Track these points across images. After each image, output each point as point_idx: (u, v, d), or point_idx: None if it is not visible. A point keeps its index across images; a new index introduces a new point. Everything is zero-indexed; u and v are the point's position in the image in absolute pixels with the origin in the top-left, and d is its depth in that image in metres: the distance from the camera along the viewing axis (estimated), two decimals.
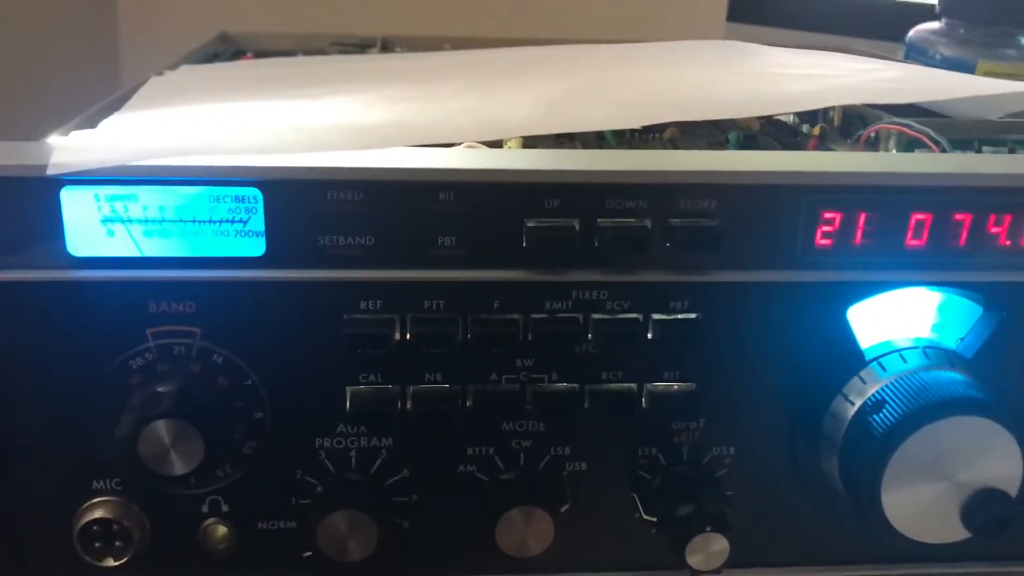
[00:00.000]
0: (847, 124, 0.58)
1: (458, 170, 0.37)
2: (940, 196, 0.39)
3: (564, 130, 0.40)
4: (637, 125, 0.42)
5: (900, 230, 0.39)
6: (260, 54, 0.74)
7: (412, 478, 0.41)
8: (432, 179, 0.37)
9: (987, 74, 0.81)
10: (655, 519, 0.40)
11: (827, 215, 0.39)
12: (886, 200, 0.39)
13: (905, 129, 0.51)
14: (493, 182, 0.37)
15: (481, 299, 0.38)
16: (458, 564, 0.42)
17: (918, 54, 0.84)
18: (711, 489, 0.41)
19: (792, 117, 0.63)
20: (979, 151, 0.51)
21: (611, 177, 0.37)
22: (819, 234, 0.39)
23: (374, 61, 0.62)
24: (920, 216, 0.39)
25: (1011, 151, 0.51)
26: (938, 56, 0.82)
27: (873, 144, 0.54)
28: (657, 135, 0.56)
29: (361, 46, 0.78)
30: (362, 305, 0.38)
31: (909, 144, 0.51)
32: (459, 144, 0.41)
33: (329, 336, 0.38)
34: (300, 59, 0.65)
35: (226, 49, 0.77)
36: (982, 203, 0.39)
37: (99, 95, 0.50)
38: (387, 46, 0.80)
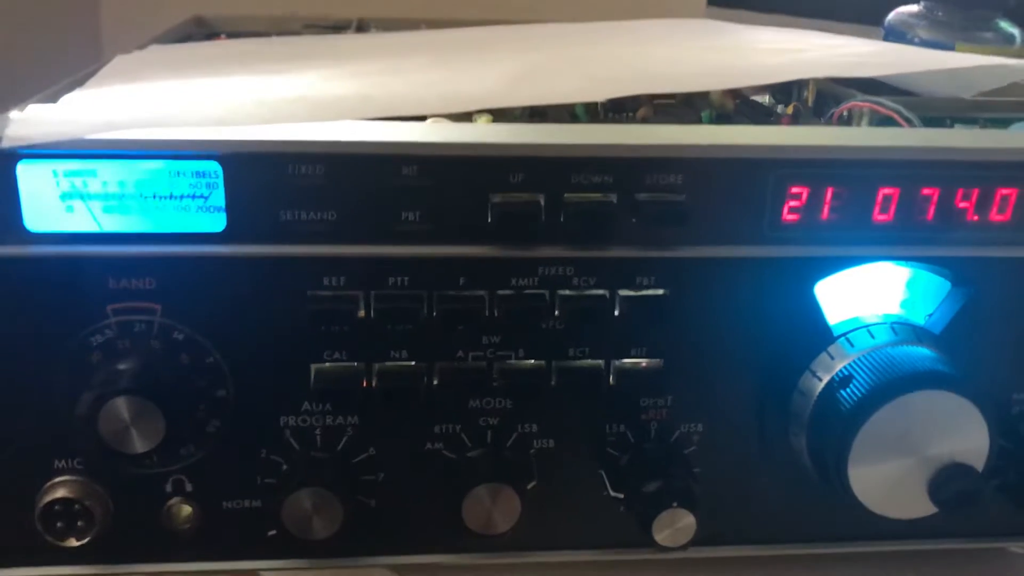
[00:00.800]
0: (820, 103, 0.58)
1: (422, 143, 0.36)
2: (907, 170, 0.39)
3: (529, 103, 0.40)
4: (603, 98, 0.42)
5: (867, 205, 0.39)
6: (233, 36, 0.73)
7: (379, 456, 0.40)
8: (395, 152, 0.36)
9: (963, 51, 0.81)
10: (622, 496, 0.40)
11: (794, 190, 0.38)
12: (853, 175, 0.38)
13: (876, 107, 0.50)
14: (457, 156, 0.37)
15: (446, 275, 0.38)
16: (425, 542, 0.42)
17: (897, 37, 0.84)
18: (679, 466, 0.40)
19: (767, 98, 0.63)
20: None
21: (576, 151, 0.37)
22: (786, 209, 0.39)
23: (344, 40, 0.61)
24: (887, 191, 0.39)
25: (983, 128, 0.51)
26: (917, 39, 0.82)
27: (846, 122, 0.54)
28: (630, 114, 0.56)
29: (336, 28, 0.78)
30: (325, 281, 0.38)
31: (881, 122, 0.51)
32: (426, 119, 0.41)
33: (292, 313, 0.38)
34: (269, 39, 0.65)
35: (199, 31, 0.77)
36: (949, 177, 0.39)
37: None
38: (362, 27, 0.79)
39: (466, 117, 0.44)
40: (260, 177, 0.36)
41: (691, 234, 0.38)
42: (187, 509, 0.40)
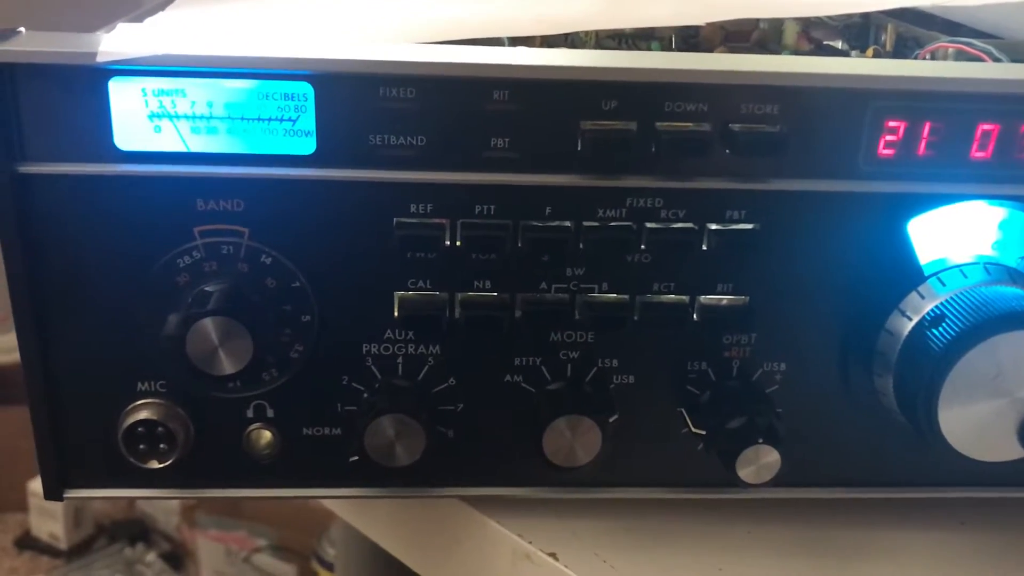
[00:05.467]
0: (900, 47, 0.57)
1: (513, 66, 0.36)
2: (1008, 105, 0.38)
3: (625, 25, 0.39)
4: (700, 21, 0.41)
5: (966, 141, 0.38)
6: None
7: (458, 387, 0.40)
8: (486, 75, 0.36)
9: None
10: (704, 433, 0.40)
11: (891, 123, 0.37)
12: (952, 109, 0.37)
13: (965, 47, 0.49)
14: (548, 79, 0.36)
15: (533, 205, 0.38)
16: (503, 474, 0.42)
17: None
18: (762, 403, 0.40)
19: (841, 43, 0.61)
20: None
21: (671, 76, 0.36)
22: (882, 143, 0.38)
23: None
24: (987, 127, 0.38)
25: None
26: None
27: None
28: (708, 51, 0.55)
29: None
30: (412, 208, 0.37)
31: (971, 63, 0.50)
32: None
33: (378, 239, 0.38)
34: None
35: None
36: None
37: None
38: None
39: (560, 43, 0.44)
40: (351, 100, 0.36)
41: (784, 167, 0.38)
42: (267, 435, 0.41)
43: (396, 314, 0.39)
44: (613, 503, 0.43)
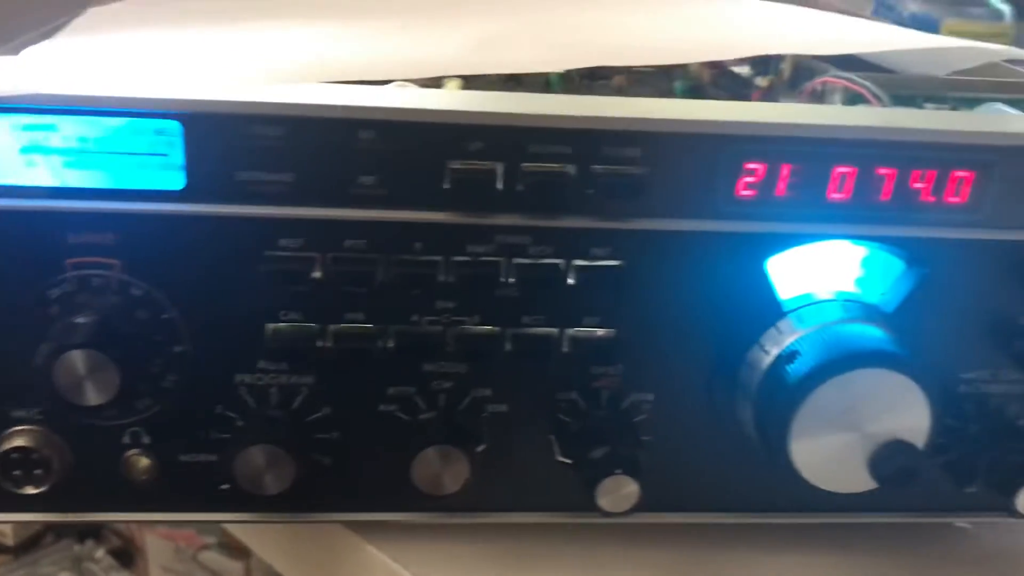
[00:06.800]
0: (797, 77, 0.58)
1: (379, 108, 0.37)
2: (863, 149, 0.39)
3: (488, 71, 0.40)
4: (562, 68, 0.42)
5: (822, 183, 0.39)
6: None
7: (333, 415, 0.41)
8: (353, 116, 0.37)
9: (951, 32, 0.81)
10: (570, 461, 0.41)
11: (750, 166, 0.39)
12: (809, 152, 0.39)
13: (848, 83, 0.51)
14: (415, 121, 0.37)
15: (402, 240, 0.39)
16: (378, 501, 0.43)
17: (887, 10, 0.84)
18: (627, 433, 0.41)
19: (747, 69, 0.63)
20: (921, 107, 0.51)
21: (533, 121, 0.37)
22: (741, 184, 0.39)
23: None
24: (843, 169, 0.39)
25: (953, 108, 0.51)
26: (905, 12, 0.82)
27: (819, 97, 0.54)
28: (605, 82, 0.56)
29: None
30: (282, 242, 0.38)
31: (854, 98, 0.51)
32: (391, 83, 0.41)
33: (249, 272, 0.38)
34: None
35: None
36: (906, 158, 0.39)
37: None
38: None
39: (435, 82, 0.45)
40: (220, 137, 0.36)
41: (646, 206, 0.39)
42: (145, 461, 0.41)
43: (268, 345, 0.39)
44: (488, 527, 0.44)
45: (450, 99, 0.38)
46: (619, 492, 0.39)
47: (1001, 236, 0.41)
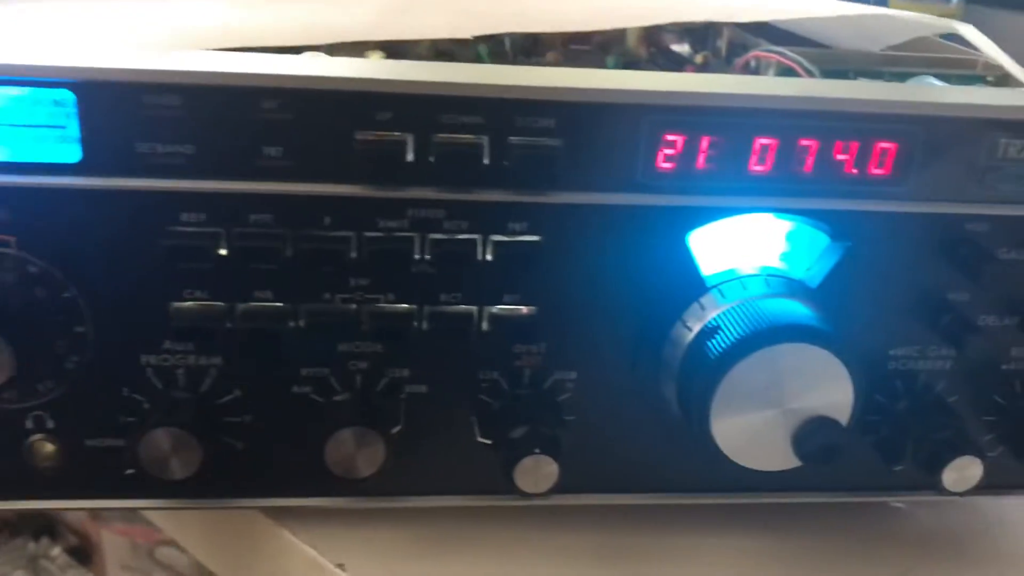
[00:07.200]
0: (732, 53, 0.57)
1: (282, 75, 0.35)
2: (785, 120, 0.38)
3: (397, 37, 0.39)
4: (470, 35, 0.41)
5: (744, 155, 0.38)
6: None
7: (246, 398, 0.40)
8: (253, 84, 0.35)
9: (899, 8, 0.80)
10: (489, 442, 0.40)
11: (669, 137, 0.38)
12: (730, 123, 0.38)
13: (779, 57, 0.50)
14: (320, 89, 0.36)
15: (311, 214, 0.37)
16: (291, 485, 0.41)
17: None
18: (548, 413, 0.40)
19: (686, 47, 0.62)
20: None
21: (443, 89, 0.36)
22: (661, 157, 0.38)
23: None
24: (765, 141, 0.38)
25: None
26: None
27: (752, 72, 0.53)
28: (538, 59, 0.55)
29: None
30: (184, 217, 0.37)
31: (786, 72, 0.51)
32: (303, 52, 0.39)
33: (150, 249, 0.37)
34: None
35: None
36: (827, 129, 0.38)
37: None
38: None
39: (357, 55, 0.43)
40: (115, 107, 0.35)
41: (564, 180, 0.38)
42: (49, 446, 0.40)
43: (172, 325, 0.38)
44: (406, 512, 0.43)
45: (357, 67, 0.37)
46: (538, 472, 0.38)
47: (926, 209, 0.40)
